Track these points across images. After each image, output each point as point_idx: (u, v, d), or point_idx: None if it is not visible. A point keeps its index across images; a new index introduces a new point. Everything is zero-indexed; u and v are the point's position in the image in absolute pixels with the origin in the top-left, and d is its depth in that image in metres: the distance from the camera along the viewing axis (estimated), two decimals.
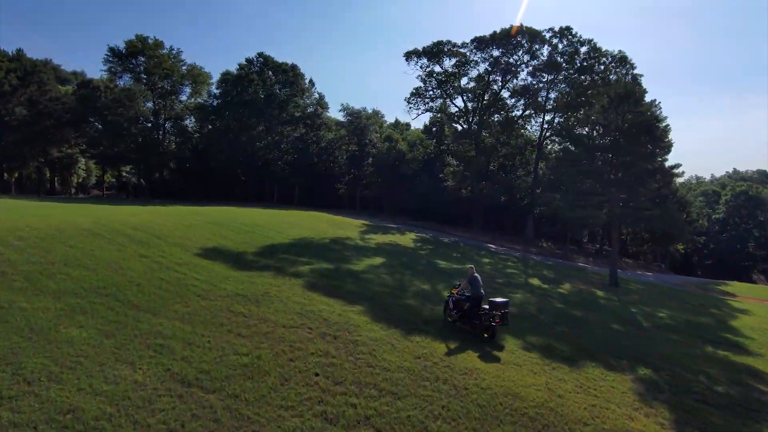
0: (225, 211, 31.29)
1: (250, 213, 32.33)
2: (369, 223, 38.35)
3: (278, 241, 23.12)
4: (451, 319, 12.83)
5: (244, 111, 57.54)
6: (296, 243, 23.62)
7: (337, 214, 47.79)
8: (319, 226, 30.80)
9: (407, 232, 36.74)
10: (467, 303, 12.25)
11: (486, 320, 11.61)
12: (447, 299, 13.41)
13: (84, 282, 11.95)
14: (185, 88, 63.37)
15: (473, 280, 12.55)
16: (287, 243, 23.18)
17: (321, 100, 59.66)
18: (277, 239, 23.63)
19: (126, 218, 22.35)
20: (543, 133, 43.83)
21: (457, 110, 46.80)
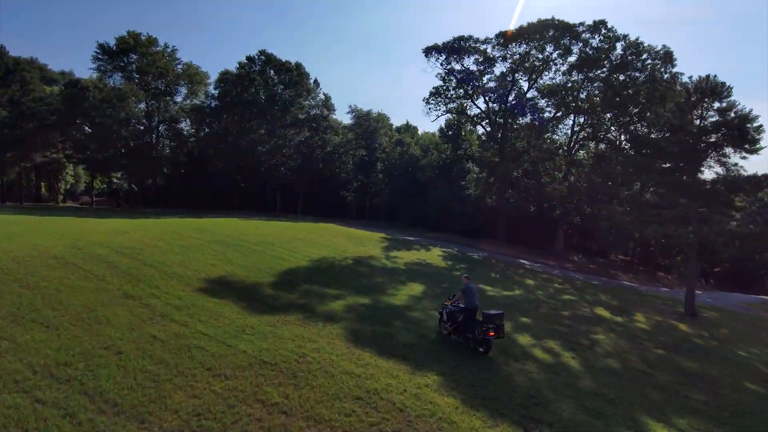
0: (227, 225, 27.39)
1: (256, 227, 28.45)
2: (387, 237, 34.55)
3: (295, 264, 19.30)
4: (446, 331, 12.24)
5: (245, 113, 53.72)
6: (317, 266, 19.80)
7: (346, 224, 43.99)
8: (336, 242, 26.94)
9: (431, 247, 32.96)
10: (461, 315, 11.75)
11: (480, 333, 11.08)
12: (441, 311, 12.83)
13: (36, 355, 8.04)
14: (180, 88, 59.50)
15: (467, 290, 11.93)
16: (306, 266, 19.36)
17: (327, 101, 55.99)
18: (294, 261, 19.80)
19: (110, 238, 18.41)
20: (575, 137, 40.23)
21: (479, 112, 43.21)
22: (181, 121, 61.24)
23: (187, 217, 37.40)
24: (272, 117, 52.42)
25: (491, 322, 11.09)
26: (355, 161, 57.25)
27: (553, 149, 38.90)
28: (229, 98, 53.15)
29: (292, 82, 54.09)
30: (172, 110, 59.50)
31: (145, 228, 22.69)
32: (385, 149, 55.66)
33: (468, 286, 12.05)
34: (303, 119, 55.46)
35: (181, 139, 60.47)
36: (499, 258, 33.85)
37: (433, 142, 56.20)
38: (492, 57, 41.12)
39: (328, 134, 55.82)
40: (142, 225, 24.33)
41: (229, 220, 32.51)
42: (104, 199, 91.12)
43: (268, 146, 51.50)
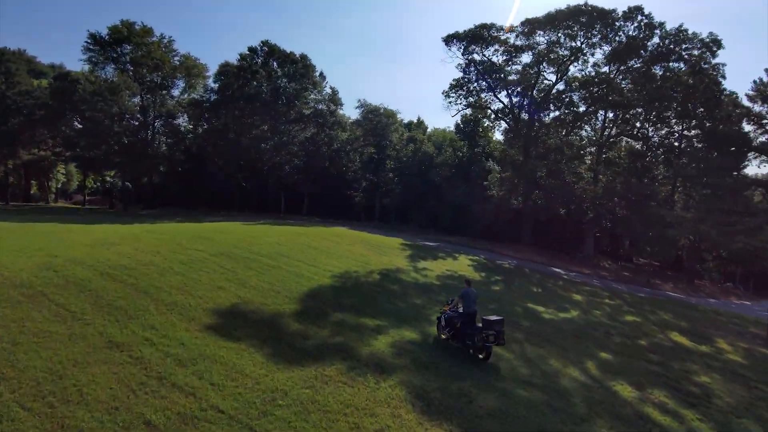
0: (232, 232, 24.38)
1: (264, 233, 25.41)
2: (406, 243, 31.57)
3: (317, 282, 16.35)
4: (445, 337, 12.00)
5: (246, 108, 50.48)
6: (342, 284, 16.88)
7: (357, 227, 40.99)
8: (356, 252, 23.94)
9: (456, 255, 29.97)
10: (459, 320, 11.45)
11: (479, 340, 10.77)
12: (440, 316, 12.51)
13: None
14: (178, 81, 56.17)
15: (466, 295, 11.65)
16: (330, 284, 16.43)
17: (334, 95, 52.83)
18: (315, 278, 16.84)
19: (96, 253, 15.36)
20: (606, 133, 37.21)
21: (501, 106, 40.17)
22: (179, 116, 58.00)
23: (185, 221, 34.34)
24: (276, 112, 49.21)
25: (491, 328, 10.74)
26: (363, 159, 54.12)
27: (583, 146, 35.84)
28: (230, 92, 49.90)
29: (297, 74, 50.84)
30: (168, 105, 56.24)
31: (139, 237, 19.60)
32: (395, 146, 52.55)
33: (467, 291, 11.74)
34: (308, 114, 52.25)
35: (178, 135, 57.24)
36: (530, 266, 30.90)
37: (447, 138, 53.16)
38: (516, 47, 38.01)
39: (335, 130, 52.63)
40: (136, 233, 21.23)
41: (234, 225, 29.44)
42: (98, 198, 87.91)
43: (272, 143, 48.29)
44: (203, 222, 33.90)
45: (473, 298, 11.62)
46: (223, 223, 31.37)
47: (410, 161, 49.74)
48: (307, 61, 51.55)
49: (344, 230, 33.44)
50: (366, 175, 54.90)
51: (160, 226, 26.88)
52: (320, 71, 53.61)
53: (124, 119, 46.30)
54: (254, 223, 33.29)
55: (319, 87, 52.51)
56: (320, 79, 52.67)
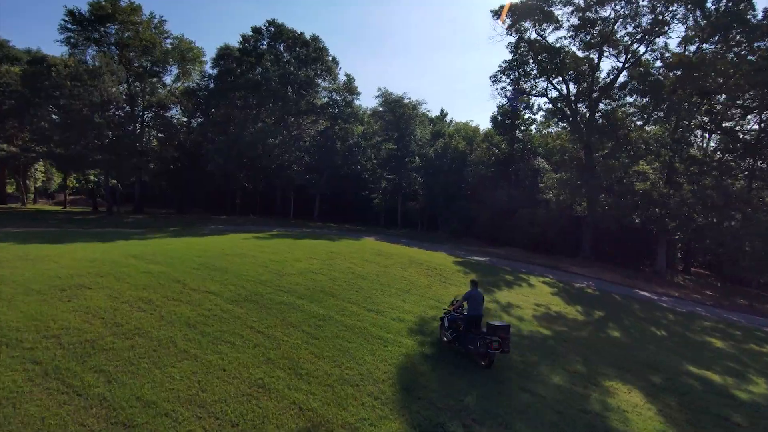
0: (247, 256, 18.60)
1: (290, 255, 19.60)
2: (458, 259, 25.81)
3: (398, 349, 11.00)
4: (447, 339, 11.15)
5: (250, 97, 44.32)
6: (431, 349, 11.13)
7: (385, 237, 35.20)
8: (416, 281, 18.15)
9: (527, 277, 24.17)
10: (463, 323, 10.75)
11: (482, 346, 10.02)
12: (443, 317, 11.73)
13: None
14: (170, 68, 49.76)
15: (472, 297, 10.89)
16: (418, 353, 10.82)
17: (350, 83, 46.62)
18: (390, 341, 11.35)
19: (45, 311, 9.39)
20: (690, 124, 31.35)
21: (557, 95, 34.21)
22: (171, 107, 51.61)
23: (181, 232, 28.30)
24: (285, 102, 42.99)
25: (495, 334, 10.05)
26: (382, 156, 48.08)
27: (664, 141, 30.02)
28: (232, 78, 43.65)
29: (309, 59, 44.62)
30: (159, 94, 49.86)
31: (121, 272, 13.62)
32: (419, 142, 46.61)
33: (473, 292, 11.03)
34: (321, 105, 46.15)
35: (170, 129, 50.91)
36: (610, 288, 25.19)
37: (473, 133, 47.26)
38: (584, 20, 31.90)
39: (350, 123, 46.59)
40: (116, 262, 15.21)
41: (245, 241, 23.49)
42: (82, 197, 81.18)
43: (281, 138, 42.15)
44: (203, 234, 27.87)
45: (480, 301, 11.05)
46: (229, 237, 25.36)
47: (438, 159, 43.86)
48: (319, 44, 45.35)
49: (378, 244, 27.58)
50: (384, 174, 49.01)
51: (151, 244, 20.81)
52: (332, 56, 47.40)
53: (108, 109, 39.88)
54: (267, 235, 27.29)
55: (333, 74, 46.31)
56: (333, 65, 46.45)
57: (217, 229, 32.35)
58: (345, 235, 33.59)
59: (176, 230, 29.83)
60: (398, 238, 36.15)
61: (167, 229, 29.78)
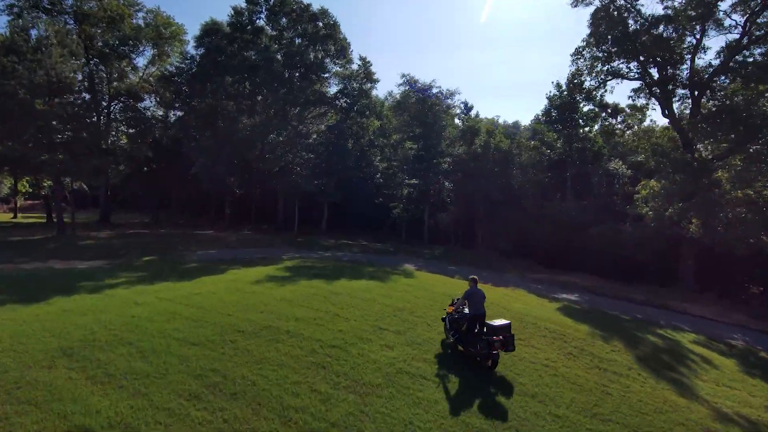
0: (277, 332, 10.55)
1: (333, 308, 11.78)
2: (555, 304, 18.22)
3: None
4: (452, 340, 10.84)
5: (244, 83, 35.95)
6: None
7: (422, 262, 27.50)
8: (553, 365, 10.30)
9: (662, 329, 16.57)
10: (465, 323, 10.55)
11: (484, 347, 9.75)
12: (444, 317, 11.52)
13: None
14: (144, 48, 41.05)
15: (471, 295, 10.53)
16: None
17: (366, 68, 38.55)
18: None
19: None
20: None
21: (648, 80, 26.70)
22: (145, 97, 42.82)
23: (158, 260, 19.92)
24: (289, 90, 34.66)
25: (496, 333, 9.78)
26: (400, 156, 40.20)
27: None
28: (222, 58, 35.17)
29: (317, 36, 36.33)
30: (130, 80, 41.10)
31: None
32: (450, 139, 38.92)
33: (473, 290, 10.63)
34: (334, 95, 38.05)
35: (143, 122, 42.15)
36: (758, 339, 17.80)
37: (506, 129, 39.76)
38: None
39: (367, 117, 38.62)
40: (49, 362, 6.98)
41: (259, 291, 15.36)
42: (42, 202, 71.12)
43: (285, 135, 33.86)
44: (189, 270, 19.62)
45: (481, 299, 10.56)
46: (230, 278, 17.15)
47: (475, 160, 36.21)
48: (329, 18, 37.13)
49: (439, 280, 19.73)
50: (405, 178, 41.18)
51: (115, 302, 12.62)
52: (344, 35, 39.20)
53: (60, 96, 30.90)
54: (280, 269, 19.13)
55: (346, 56, 38.14)
56: (347, 45, 38.27)
57: (207, 256, 24.03)
58: (378, 261, 25.66)
59: (150, 262, 21.40)
60: (439, 262, 28.41)
61: (135, 263, 21.30)
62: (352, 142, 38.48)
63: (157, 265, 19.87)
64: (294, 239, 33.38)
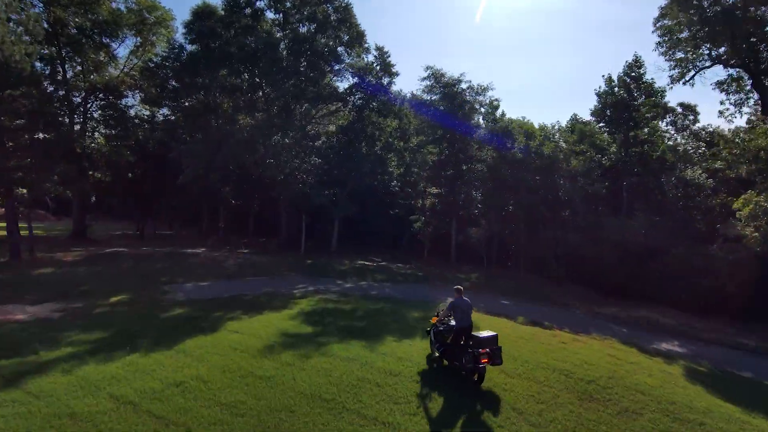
0: None
1: None
2: (671, 368, 13.18)
3: None
4: (438, 354, 10.57)
5: (243, 74, 30.77)
6: None
7: (448, 290, 22.30)
8: None
9: None
10: (450, 335, 10.24)
11: (470, 360, 9.40)
12: (429, 329, 11.28)
13: None
14: (125, 36, 35.75)
15: (457, 306, 10.07)
16: None
17: (383, 59, 33.34)
18: None
19: None
20: None
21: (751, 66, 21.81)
22: (127, 93, 37.47)
23: (131, 294, 14.47)
24: (297, 82, 29.42)
25: (482, 346, 9.53)
26: (419, 161, 35.10)
27: None
28: (217, 45, 29.90)
29: (328, 21, 31.14)
30: (108, 74, 35.79)
31: None
32: (483, 140, 33.87)
33: (458, 301, 10.19)
34: (348, 89, 32.85)
35: (125, 122, 36.83)
36: None
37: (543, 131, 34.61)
38: None
39: (386, 117, 33.44)
40: None
41: (278, 381, 10.07)
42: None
43: (292, 135, 28.57)
44: (172, 309, 14.39)
45: (467, 310, 10.15)
46: (238, 336, 11.91)
47: (513, 167, 31.21)
48: (341, 1, 31.94)
49: (518, 329, 14.53)
50: (427, 188, 36.03)
51: (33, 419, 7.28)
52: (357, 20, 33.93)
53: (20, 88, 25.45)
54: (293, 306, 13.83)
55: (362, 44, 32.93)
56: (362, 32, 33.08)
57: (197, 292, 18.69)
58: (414, 294, 20.46)
59: (118, 307, 15.94)
60: (484, 293, 23.27)
61: (97, 308, 15.87)
62: (367, 145, 33.29)
63: (126, 316, 14.49)
64: (303, 262, 28.07)
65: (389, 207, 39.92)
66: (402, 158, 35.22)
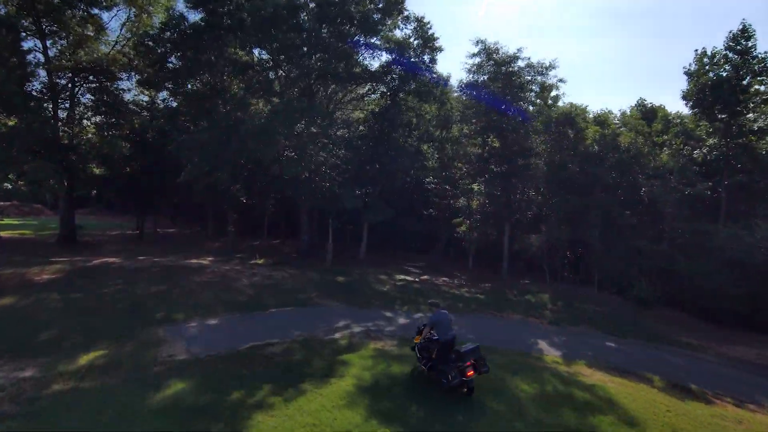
0: None
1: None
2: None
3: None
4: (424, 369, 10.35)
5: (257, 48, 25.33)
6: None
7: (534, 330, 17.39)
8: None
9: None
10: (435, 349, 10.04)
11: (456, 375, 9.28)
12: (413, 346, 10.99)
13: None
14: (118, 6, 30.26)
15: (437, 322, 9.93)
16: None
17: (424, 31, 27.57)
18: None
19: None
20: None
21: None
22: (121, 75, 32.08)
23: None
24: (324, 56, 23.86)
25: (466, 359, 9.45)
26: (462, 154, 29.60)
27: None
28: (225, 11, 24.34)
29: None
30: (99, 51, 30.44)
31: None
32: (539, 132, 28.35)
33: (438, 316, 10.05)
34: (383, 67, 27.21)
35: (120, 109, 31.69)
36: None
37: (622, 119, 29.05)
38: None
39: (427, 101, 27.88)
40: None
41: None
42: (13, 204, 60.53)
43: (318, 123, 23.10)
44: (168, 376, 9.13)
45: (448, 323, 10.04)
46: None
47: (584, 162, 25.72)
48: None
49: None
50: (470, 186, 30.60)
51: None
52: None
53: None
54: (342, 373, 8.65)
55: (401, 11, 27.17)
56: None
57: (203, 337, 13.46)
58: (488, 329, 15.19)
59: (93, 373, 10.73)
60: (570, 330, 18.04)
61: (61, 375, 10.71)
62: (403, 135, 27.79)
63: (93, 405, 9.27)
64: (332, 279, 22.82)
65: (422, 207, 34.61)
66: (443, 150, 29.73)
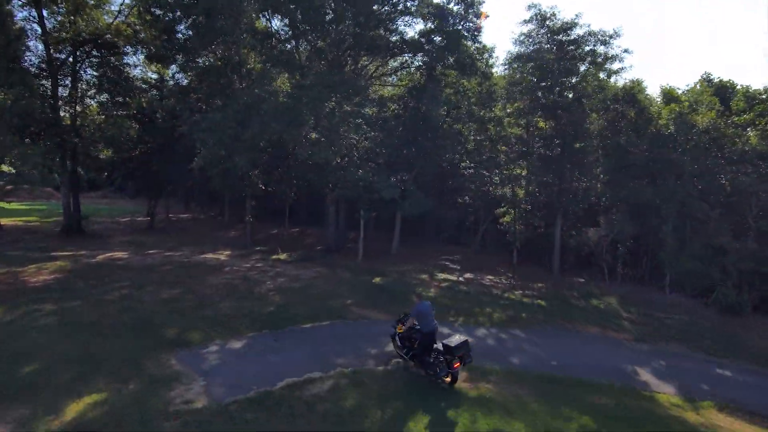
0: None
1: None
2: None
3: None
4: (405, 358, 10.48)
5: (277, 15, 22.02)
6: None
7: (623, 352, 14.23)
8: None
9: None
10: (417, 340, 10.07)
11: (443, 367, 9.53)
12: (393, 334, 11.00)
13: None
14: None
15: (421, 313, 9.92)
16: None
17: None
18: None
19: None
20: None
21: None
22: (126, 49, 28.96)
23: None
24: (357, 23, 20.48)
25: (454, 353, 9.38)
26: (506, 137, 26.19)
27: None
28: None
29: None
30: (95, 19, 27.25)
31: None
32: (599, 111, 24.78)
33: (422, 307, 10.06)
34: (420, 37, 23.65)
35: (127, 86, 28.81)
36: None
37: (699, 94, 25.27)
38: None
39: (469, 75, 24.38)
40: None
41: None
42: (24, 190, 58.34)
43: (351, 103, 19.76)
44: None
45: (432, 314, 10.05)
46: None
47: (655, 145, 22.22)
48: None
49: None
50: (520, 171, 27.19)
51: None
52: None
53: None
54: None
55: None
56: None
57: (225, 367, 10.56)
58: (571, 359, 12.17)
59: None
60: (655, 341, 14.95)
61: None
62: (445, 112, 24.41)
63: None
64: (367, 280, 19.88)
65: (456, 194, 31.47)
66: (485, 131, 26.31)
